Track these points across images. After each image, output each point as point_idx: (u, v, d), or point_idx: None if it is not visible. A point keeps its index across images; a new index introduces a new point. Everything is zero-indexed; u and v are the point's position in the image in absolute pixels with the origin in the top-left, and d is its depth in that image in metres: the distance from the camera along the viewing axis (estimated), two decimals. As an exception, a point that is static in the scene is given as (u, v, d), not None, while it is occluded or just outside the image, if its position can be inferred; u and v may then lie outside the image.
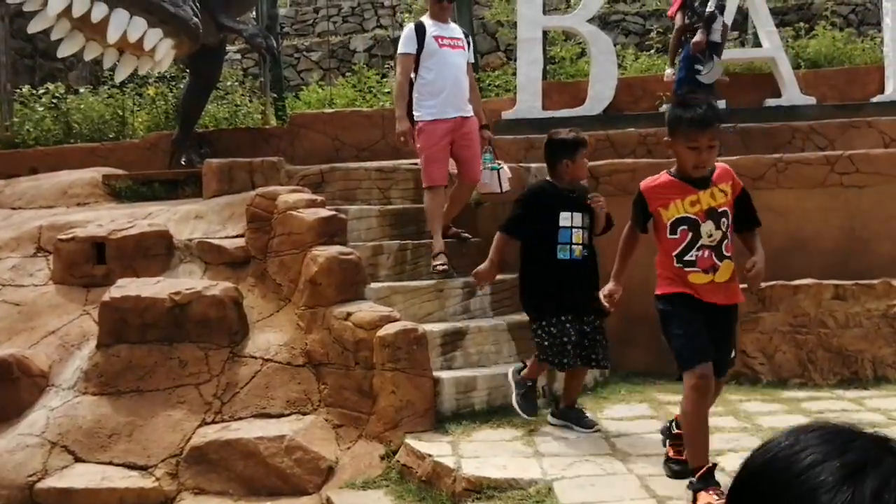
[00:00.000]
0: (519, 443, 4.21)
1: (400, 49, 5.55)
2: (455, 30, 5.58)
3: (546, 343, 4.28)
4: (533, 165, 6.32)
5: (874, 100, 7.68)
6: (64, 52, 5.12)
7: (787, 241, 5.99)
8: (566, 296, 4.28)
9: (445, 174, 5.44)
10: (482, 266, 4.44)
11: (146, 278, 5.23)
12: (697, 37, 7.23)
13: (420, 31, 5.40)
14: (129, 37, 2.58)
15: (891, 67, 7.74)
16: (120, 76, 2.72)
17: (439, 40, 5.37)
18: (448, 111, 5.34)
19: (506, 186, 5.52)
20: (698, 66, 7.24)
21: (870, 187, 6.00)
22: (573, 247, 4.31)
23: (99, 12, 2.56)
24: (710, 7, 7.25)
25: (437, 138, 5.33)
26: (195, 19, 2.68)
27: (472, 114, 5.49)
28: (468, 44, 5.59)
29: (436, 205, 5.42)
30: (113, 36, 2.56)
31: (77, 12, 2.43)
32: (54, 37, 4.79)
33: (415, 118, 5.46)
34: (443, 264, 5.25)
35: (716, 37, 7.31)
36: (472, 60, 5.70)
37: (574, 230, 4.32)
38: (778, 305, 5.53)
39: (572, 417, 4.39)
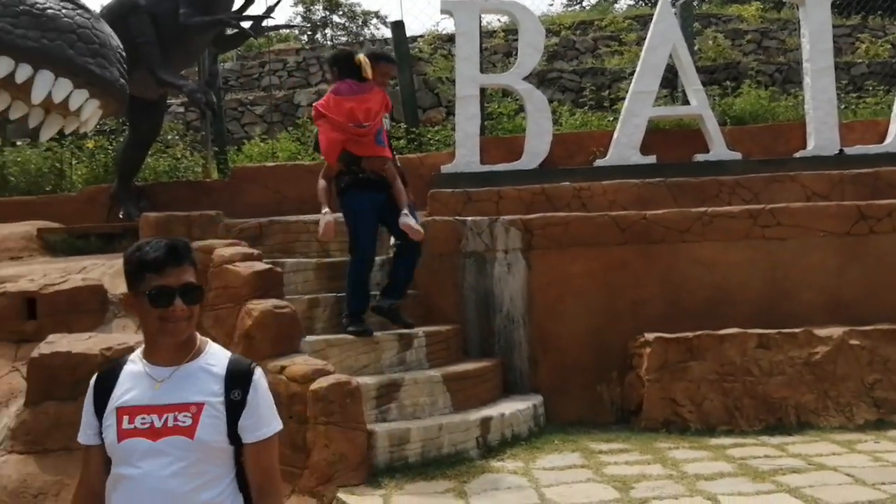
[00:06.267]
0: (451, 495, 4.24)
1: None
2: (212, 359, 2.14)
3: None
4: (469, 218, 6.46)
5: (797, 155, 8.00)
6: (-11, 111, 5.11)
7: (714, 291, 6.19)
8: None
9: None
10: None
11: (77, 334, 5.16)
12: None
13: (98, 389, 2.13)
14: (53, 98, 2.63)
15: (812, 124, 8.10)
16: (45, 136, 2.77)
17: (122, 419, 2.05)
18: None
19: None
20: None
21: (791, 239, 6.25)
22: None
23: (23, 73, 2.59)
24: None
25: None
26: (121, 81, 2.73)
27: None
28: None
29: None
30: (37, 97, 2.60)
31: (1, 73, 2.48)
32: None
33: None
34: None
35: None
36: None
37: None
38: (705, 354, 5.69)
39: None
